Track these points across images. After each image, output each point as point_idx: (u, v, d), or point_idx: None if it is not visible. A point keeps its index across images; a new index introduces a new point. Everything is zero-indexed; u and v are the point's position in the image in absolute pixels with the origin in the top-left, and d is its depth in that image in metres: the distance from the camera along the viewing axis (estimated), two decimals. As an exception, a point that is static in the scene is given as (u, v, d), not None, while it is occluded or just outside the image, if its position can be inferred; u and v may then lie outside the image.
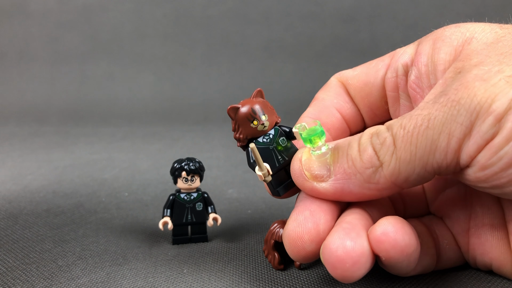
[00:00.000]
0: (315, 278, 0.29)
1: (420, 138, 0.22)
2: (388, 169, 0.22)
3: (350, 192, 0.24)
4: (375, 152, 0.23)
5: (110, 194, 0.50)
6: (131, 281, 0.29)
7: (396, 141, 0.22)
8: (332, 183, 0.24)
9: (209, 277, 0.30)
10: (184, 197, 0.35)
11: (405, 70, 0.28)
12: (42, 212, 0.44)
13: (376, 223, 0.23)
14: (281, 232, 0.30)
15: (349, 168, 0.23)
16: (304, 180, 0.25)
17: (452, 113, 0.21)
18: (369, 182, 0.23)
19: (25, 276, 0.30)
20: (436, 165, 0.22)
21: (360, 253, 0.22)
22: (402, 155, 0.22)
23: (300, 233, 0.24)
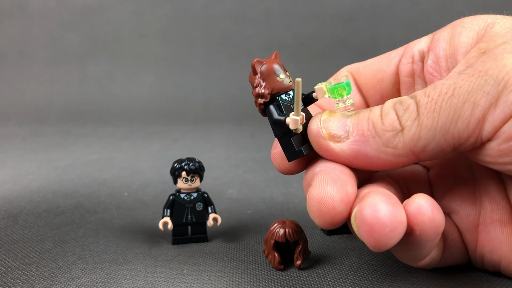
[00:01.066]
0: (315, 278, 0.29)
1: (444, 106, 0.21)
2: (408, 134, 0.22)
3: (366, 155, 0.23)
4: (397, 116, 0.23)
5: (110, 194, 0.50)
6: (131, 281, 0.29)
7: (419, 107, 0.22)
8: (349, 144, 0.23)
9: (209, 277, 0.30)
10: (184, 197, 0.35)
11: (421, 56, 0.28)
12: (42, 212, 0.44)
13: (413, 197, 0.23)
14: (281, 232, 0.30)
15: (369, 130, 0.23)
16: (321, 138, 0.24)
17: (478, 82, 0.21)
18: (387, 145, 0.23)
19: (25, 276, 0.30)
20: (457, 136, 0.22)
21: (401, 221, 0.21)
22: (424, 121, 0.22)
23: (330, 192, 0.23)
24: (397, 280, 0.29)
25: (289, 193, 0.50)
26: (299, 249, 0.30)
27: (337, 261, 0.32)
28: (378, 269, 0.30)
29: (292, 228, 0.30)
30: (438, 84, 0.22)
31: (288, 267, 0.31)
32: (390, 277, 0.29)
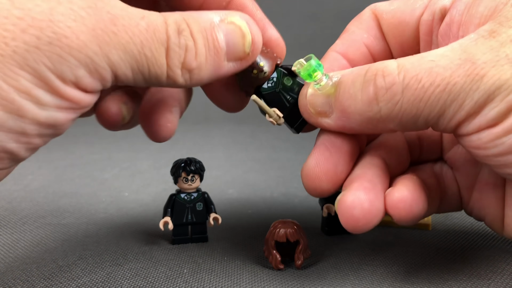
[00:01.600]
0: (315, 278, 0.29)
1: (432, 98, 0.21)
2: (388, 117, 0.22)
3: (352, 129, 0.24)
4: (376, 95, 0.22)
5: (110, 194, 0.50)
6: (131, 281, 0.29)
7: (405, 92, 0.22)
8: (334, 120, 0.24)
9: (209, 277, 0.30)
10: (184, 197, 0.35)
11: (442, 15, 0.27)
12: (42, 212, 0.44)
13: (394, 187, 0.25)
14: (281, 232, 0.30)
15: (349, 107, 0.23)
16: (310, 115, 0.25)
17: (471, 87, 0.21)
18: (367, 123, 0.23)
19: (25, 276, 0.30)
20: (436, 125, 0.22)
21: (375, 215, 0.23)
22: (407, 108, 0.22)
23: (318, 173, 0.25)
24: (397, 280, 0.29)
25: (289, 193, 0.50)
26: (299, 249, 0.30)
27: (337, 261, 0.32)
28: (378, 269, 0.31)
29: (292, 228, 0.30)
30: (433, 69, 0.21)
31: (288, 267, 0.31)
32: (390, 277, 0.29)
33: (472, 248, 0.34)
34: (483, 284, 0.28)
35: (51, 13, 0.17)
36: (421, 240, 0.36)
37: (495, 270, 0.30)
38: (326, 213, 0.36)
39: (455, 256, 0.32)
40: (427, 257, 0.32)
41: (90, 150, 0.75)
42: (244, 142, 0.81)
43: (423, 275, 0.30)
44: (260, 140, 0.83)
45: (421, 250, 0.34)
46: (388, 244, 0.35)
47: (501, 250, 0.33)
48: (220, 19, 0.22)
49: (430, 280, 0.29)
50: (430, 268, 0.31)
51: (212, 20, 0.22)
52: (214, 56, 0.22)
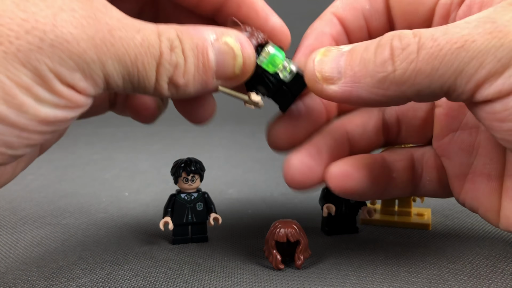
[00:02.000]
0: (315, 278, 0.29)
1: (449, 56, 0.20)
2: (402, 77, 0.21)
3: (358, 97, 0.23)
4: (391, 55, 0.21)
5: (110, 194, 0.50)
6: (131, 281, 0.29)
7: (420, 50, 0.21)
8: (341, 86, 0.23)
9: (209, 277, 0.30)
10: (184, 197, 0.35)
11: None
12: (43, 211, 0.44)
13: (335, 163, 0.27)
14: (282, 232, 0.30)
15: (360, 71, 0.22)
16: (315, 82, 0.24)
17: (494, 44, 0.20)
18: (378, 87, 0.22)
19: (26, 276, 0.30)
20: (453, 88, 0.21)
21: (311, 179, 0.27)
22: (422, 67, 0.21)
23: (279, 133, 0.29)
24: (397, 280, 0.29)
25: (289, 193, 0.50)
26: (299, 249, 0.30)
27: (337, 261, 0.32)
28: (378, 269, 0.31)
29: (292, 228, 0.30)
30: (450, 29, 0.20)
31: (288, 267, 0.31)
32: (390, 277, 0.29)
33: (472, 248, 0.34)
34: (483, 284, 0.28)
35: (54, 18, 0.18)
36: (421, 240, 0.36)
37: (495, 270, 0.30)
38: (326, 213, 0.36)
39: (455, 256, 0.32)
40: (427, 257, 0.32)
41: (90, 151, 0.75)
42: (244, 142, 0.81)
43: (423, 275, 0.30)
44: (260, 140, 0.83)
45: (421, 250, 0.34)
46: (388, 244, 0.35)
47: (501, 250, 0.33)
48: (215, 37, 0.23)
49: (430, 280, 0.29)
50: (430, 268, 0.31)
51: (206, 38, 0.23)
52: (202, 74, 0.23)
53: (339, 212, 0.37)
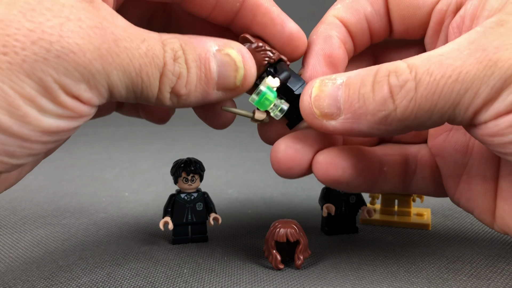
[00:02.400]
0: (315, 278, 0.29)
1: (445, 90, 0.21)
2: (404, 114, 0.22)
3: (360, 131, 0.23)
4: (391, 94, 0.22)
5: (110, 194, 0.50)
6: (131, 281, 0.29)
7: (418, 87, 0.21)
8: (342, 122, 0.23)
9: (209, 277, 0.30)
10: (184, 197, 0.35)
11: (457, 7, 0.26)
12: (43, 211, 0.44)
13: (322, 151, 0.26)
14: (282, 232, 0.30)
15: (360, 109, 0.23)
16: (314, 118, 0.24)
17: (486, 73, 0.20)
18: (380, 123, 0.22)
19: (26, 276, 0.30)
20: (453, 117, 0.22)
21: (297, 164, 0.26)
22: (422, 103, 0.21)
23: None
24: (397, 280, 0.29)
25: (289, 193, 0.50)
26: (299, 249, 0.31)
27: (337, 261, 0.32)
28: (377, 269, 0.31)
29: (292, 228, 0.30)
30: (444, 61, 0.21)
31: (288, 267, 0.31)
32: (390, 277, 0.29)
33: (472, 248, 0.34)
34: (482, 284, 0.28)
35: (61, 28, 0.18)
36: (421, 240, 0.36)
37: (495, 270, 0.30)
38: (326, 213, 0.36)
39: (455, 256, 0.32)
40: (427, 257, 0.32)
41: (91, 151, 0.75)
42: (244, 142, 0.81)
43: (422, 274, 0.30)
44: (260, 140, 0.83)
45: (421, 250, 0.34)
46: (387, 244, 0.35)
47: (501, 250, 0.33)
48: (217, 48, 0.23)
49: (429, 280, 0.29)
50: (429, 268, 0.31)
51: (208, 49, 0.23)
52: (204, 85, 0.23)
53: (339, 212, 0.37)
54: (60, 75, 0.18)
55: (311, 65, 0.27)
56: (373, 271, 0.30)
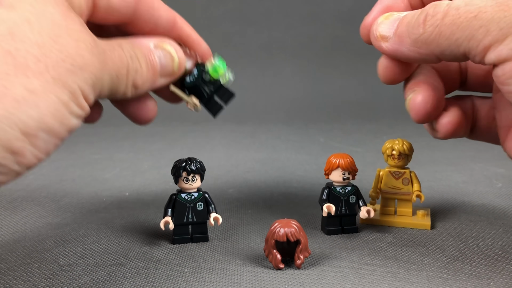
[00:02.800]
0: (315, 278, 0.30)
1: (464, 23, 0.24)
2: (428, 38, 0.26)
3: (402, 53, 0.28)
4: (424, 20, 0.26)
5: (111, 193, 0.50)
6: (132, 281, 0.29)
7: (444, 17, 0.25)
8: (391, 43, 0.29)
9: (209, 276, 0.30)
10: (185, 197, 0.35)
11: None
12: (43, 211, 0.44)
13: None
14: (282, 231, 0.30)
15: (403, 33, 0.28)
16: (375, 39, 0.30)
17: (499, 15, 0.23)
18: (414, 46, 0.27)
19: (27, 276, 0.31)
20: (468, 51, 0.25)
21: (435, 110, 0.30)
22: (443, 31, 0.25)
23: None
24: (397, 280, 0.29)
25: (289, 193, 0.50)
26: (299, 249, 0.31)
27: (337, 261, 0.32)
28: (378, 269, 0.31)
29: (292, 228, 0.30)
30: (472, 2, 0.25)
31: (288, 267, 0.31)
32: (390, 277, 0.30)
33: (472, 248, 0.34)
34: (482, 283, 0.28)
35: (78, 48, 0.23)
36: (421, 240, 0.36)
37: (495, 270, 0.30)
38: (326, 213, 0.36)
39: (455, 256, 0.33)
40: (427, 256, 0.33)
41: (91, 150, 0.75)
42: (244, 142, 0.81)
43: (422, 274, 0.30)
44: (260, 140, 0.83)
45: (421, 250, 0.34)
46: (387, 244, 0.35)
47: (501, 250, 0.33)
48: (154, 44, 0.29)
49: (430, 280, 0.29)
50: (430, 268, 0.31)
51: (149, 46, 0.29)
52: (152, 75, 0.29)
53: (339, 212, 0.37)
54: (82, 83, 0.23)
55: (372, 11, 0.32)
56: (373, 270, 0.30)
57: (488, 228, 0.38)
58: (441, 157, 0.66)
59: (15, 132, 0.20)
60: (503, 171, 0.57)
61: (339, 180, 0.37)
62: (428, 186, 0.51)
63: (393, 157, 0.38)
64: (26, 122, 0.20)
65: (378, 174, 0.40)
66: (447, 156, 0.67)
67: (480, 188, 0.50)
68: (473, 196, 0.47)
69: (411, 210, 0.39)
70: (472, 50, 0.25)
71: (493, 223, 0.39)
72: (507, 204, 0.44)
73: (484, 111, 0.34)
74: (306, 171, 0.59)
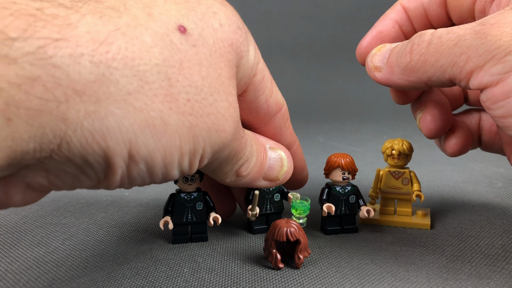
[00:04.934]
0: (314, 277, 0.30)
1: (446, 50, 0.25)
2: (415, 66, 0.27)
3: (394, 82, 0.29)
4: (411, 49, 0.27)
5: (111, 193, 0.50)
6: (131, 280, 0.29)
7: (429, 45, 0.26)
8: (383, 73, 0.30)
9: (209, 276, 0.30)
10: (184, 197, 0.35)
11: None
12: (44, 212, 0.44)
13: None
14: (281, 231, 0.30)
15: (393, 62, 0.29)
16: (369, 70, 0.31)
17: (477, 42, 0.24)
18: (403, 74, 0.28)
19: (27, 276, 0.30)
20: (452, 76, 0.26)
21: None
22: (428, 58, 0.26)
23: None
24: (396, 279, 0.29)
25: (289, 193, 0.50)
26: (299, 249, 0.31)
27: (337, 261, 0.32)
28: (377, 269, 0.31)
29: (292, 227, 0.30)
30: (454, 30, 0.25)
31: (288, 266, 0.31)
32: (389, 276, 0.29)
33: (472, 247, 0.34)
34: (482, 283, 0.28)
35: (226, 112, 0.23)
36: (421, 240, 0.36)
37: (494, 270, 0.30)
38: (325, 213, 0.36)
39: (454, 256, 0.33)
40: (427, 256, 0.33)
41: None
42: (244, 142, 0.81)
43: (422, 274, 0.30)
44: (260, 140, 0.83)
45: (421, 250, 0.34)
46: (387, 244, 0.35)
47: (500, 249, 0.33)
48: (270, 146, 0.30)
49: (429, 280, 0.29)
50: (429, 267, 0.31)
51: (265, 145, 0.30)
52: (257, 172, 0.29)
53: (339, 212, 0.37)
54: (208, 145, 0.22)
55: (367, 36, 0.34)
56: (372, 270, 0.30)
57: (488, 228, 0.38)
58: (441, 157, 0.66)
59: (123, 150, 0.19)
60: (503, 171, 0.57)
61: (338, 180, 0.37)
62: (428, 186, 0.51)
63: (393, 157, 0.38)
64: (141, 147, 0.19)
65: (378, 174, 0.40)
66: (447, 156, 0.67)
67: (480, 188, 0.50)
68: (473, 196, 0.47)
69: (411, 210, 0.39)
70: (457, 76, 0.25)
71: (493, 222, 0.39)
72: (507, 204, 0.44)
73: (487, 126, 0.35)
74: (306, 171, 0.59)
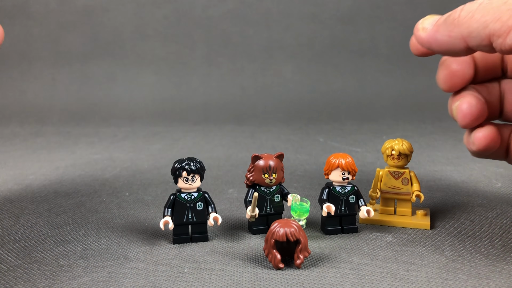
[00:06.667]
0: (315, 277, 0.30)
1: (495, 8, 0.27)
2: (461, 21, 0.29)
3: (436, 39, 0.30)
4: (462, 8, 0.29)
5: (111, 193, 0.50)
6: (132, 280, 0.29)
7: (480, 5, 0.28)
8: (429, 31, 0.31)
9: (209, 276, 0.30)
10: (184, 197, 0.35)
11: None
12: (44, 211, 0.44)
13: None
14: (281, 231, 0.30)
15: (441, 20, 0.30)
16: (417, 30, 0.32)
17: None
18: (446, 28, 0.30)
19: (27, 276, 0.31)
20: (493, 31, 0.27)
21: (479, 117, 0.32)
22: (475, 14, 0.28)
23: None
24: (396, 279, 0.29)
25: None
26: (299, 249, 0.31)
27: (337, 261, 0.32)
28: (377, 269, 0.31)
29: (292, 228, 0.30)
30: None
31: (288, 267, 0.31)
32: (389, 277, 0.30)
33: (472, 247, 0.34)
34: (482, 283, 0.29)
35: None
36: (421, 239, 0.36)
37: (494, 270, 0.30)
38: (325, 212, 0.36)
39: (455, 256, 0.33)
40: (426, 256, 0.33)
41: (91, 151, 0.75)
42: (244, 142, 0.81)
43: (422, 274, 0.30)
44: (260, 140, 0.83)
45: (420, 250, 0.34)
46: (387, 244, 0.35)
47: (500, 250, 0.33)
48: None
49: (429, 280, 0.29)
50: (430, 268, 0.31)
51: None
52: None
53: (339, 212, 0.37)
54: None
55: None
56: (372, 270, 0.30)
57: (488, 228, 0.38)
58: (440, 157, 0.66)
59: None
60: (503, 171, 0.57)
61: (338, 180, 0.37)
62: (428, 186, 0.51)
63: (393, 157, 0.39)
64: None
65: (378, 174, 0.40)
66: (446, 156, 0.67)
67: (480, 188, 0.50)
68: (472, 196, 0.47)
69: (411, 210, 0.39)
70: (497, 31, 0.26)
71: (493, 222, 0.39)
72: (506, 204, 0.44)
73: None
74: (305, 171, 0.59)
